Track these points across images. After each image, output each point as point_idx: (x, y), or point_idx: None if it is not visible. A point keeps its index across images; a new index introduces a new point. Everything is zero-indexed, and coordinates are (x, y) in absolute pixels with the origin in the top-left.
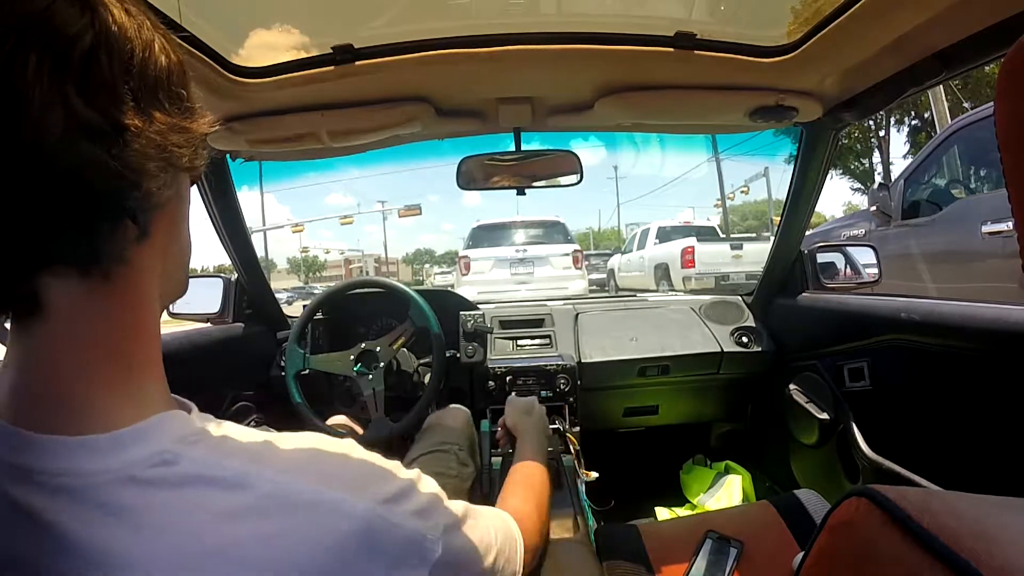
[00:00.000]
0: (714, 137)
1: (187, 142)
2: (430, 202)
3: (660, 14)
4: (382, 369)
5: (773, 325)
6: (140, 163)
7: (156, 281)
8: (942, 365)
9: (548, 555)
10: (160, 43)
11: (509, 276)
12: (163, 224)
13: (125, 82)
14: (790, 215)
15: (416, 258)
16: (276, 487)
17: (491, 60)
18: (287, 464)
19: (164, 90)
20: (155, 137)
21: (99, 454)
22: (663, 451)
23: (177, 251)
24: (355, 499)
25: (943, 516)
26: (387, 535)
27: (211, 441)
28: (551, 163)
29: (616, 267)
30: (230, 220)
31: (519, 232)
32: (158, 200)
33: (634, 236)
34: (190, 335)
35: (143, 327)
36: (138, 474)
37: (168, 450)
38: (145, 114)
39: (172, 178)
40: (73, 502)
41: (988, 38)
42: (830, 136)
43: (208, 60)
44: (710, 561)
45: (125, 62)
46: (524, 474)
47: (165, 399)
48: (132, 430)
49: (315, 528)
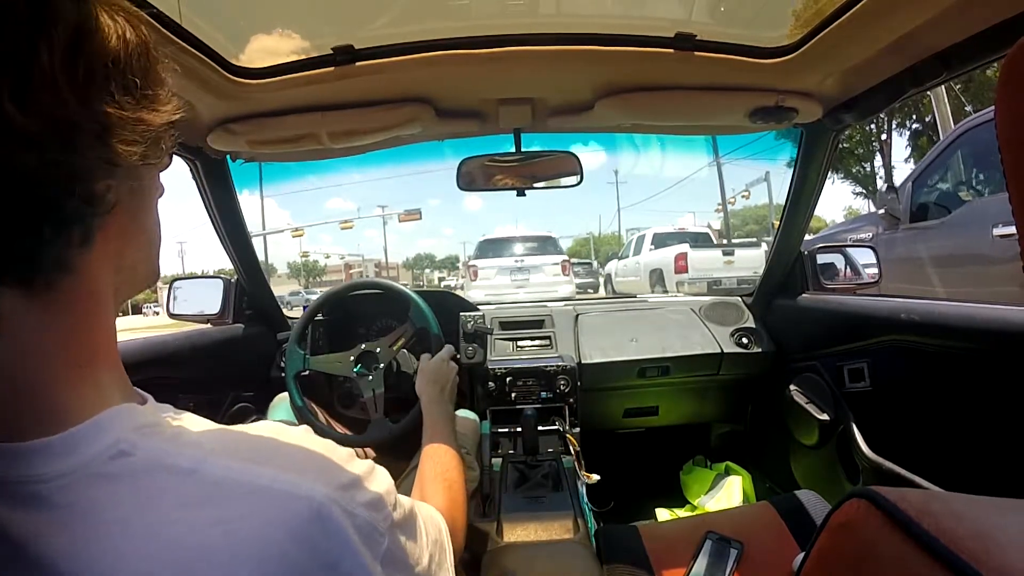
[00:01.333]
0: (715, 140)
1: (141, 137)
2: (431, 206)
3: (660, 15)
4: (382, 371)
5: (773, 326)
6: (81, 167)
7: (109, 279)
8: (942, 366)
9: (548, 556)
10: (108, 20)
11: (509, 281)
12: (115, 224)
13: (67, 74)
14: (790, 216)
15: (416, 263)
16: (231, 472)
17: (491, 61)
18: (242, 451)
19: (115, 79)
20: (100, 136)
21: (56, 455)
22: (663, 452)
23: (138, 246)
24: (311, 484)
25: (943, 517)
26: (343, 521)
27: (166, 431)
28: (551, 164)
29: (613, 272)
30: (230, 221)
31: (518, 245)
32: (105, 203)
33: (631, 242)
34: (190, 336)
35: (95, 326)
36: (98, 469)
37: (124, 439)
38: (89, 110)
39: (126, 175)
40: (37, 509)
41: (988, 38)
42: (830, 137)
43: (208, 61)
44: (710, 562)
45: (67, 49)
46: (440, 466)
47: (123, 391)
48: (85, 427)
49: (272, 511)
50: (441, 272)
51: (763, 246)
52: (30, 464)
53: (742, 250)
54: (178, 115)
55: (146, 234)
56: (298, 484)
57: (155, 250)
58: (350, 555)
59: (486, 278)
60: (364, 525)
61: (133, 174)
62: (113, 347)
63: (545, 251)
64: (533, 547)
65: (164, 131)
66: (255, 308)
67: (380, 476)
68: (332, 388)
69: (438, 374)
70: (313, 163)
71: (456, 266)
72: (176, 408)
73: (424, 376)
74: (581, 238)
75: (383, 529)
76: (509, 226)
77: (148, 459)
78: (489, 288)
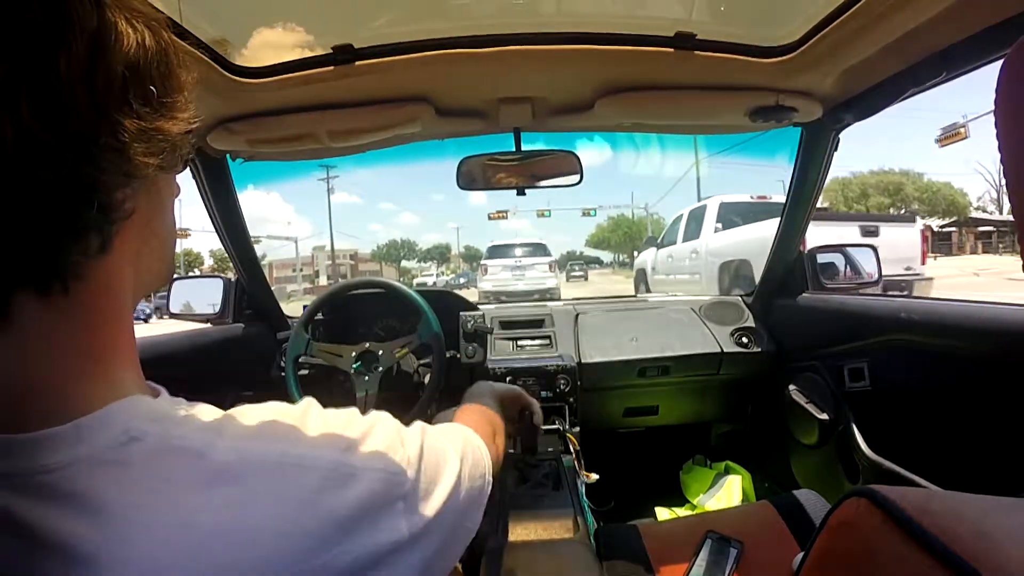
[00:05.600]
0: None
1: (157, 148)
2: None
3: (660, 14)
4: (380, 374)
5: (773, 325)
6: (99, 178)
7: (126, 280)
8: (942, 365)
9: (548, 555)
10: (127, 27)
11: (511, 276)
12: (133, 228)
13: (85, 84)
14: (790, 216)
15: (389, 253)
16: (239, 452)
17: (491, 60)
18: (249, 431)
19: (134, 88)
20: (118, 148)
21: (64, 445)
22: (663, 451)
23: (154, 248)
24: (317, 452)
25: (943, 516)
26: (354, 478)
27: (175, 417)
28: (551, 163)
29: (649, 266)
30: (230, 220)
31: (517, 249)
32: (122, 211)
33: (677, 221)
34: (190, 335)
35: (111, 325)
36: (108, 456)
37: (134, 427)
38: (107, 121)
39: (143, 183)
40: (47, 498)
41: (988, 38)
42: (830, 136)
43: (208, 60)
44: (710, 561)
45: (86, 58)
46: (473, 407)
47: (137, 385)
48: (94, 416)
49: (284, 486)
50: (425, 264)
51: (918, 222)
52: (38, 455)
53: (889, 228)
54: (195, 123)
55: (161, 236)
56: (307, 455)
57: (170, 250)
58: (367, 509)
59: (493, 273)
60: (379, 475)
61: (150, 181)
62: (130, 344)
63: (537, 254)
64: (533, 546)
65: (181, 139)
66: (255, 308)
67: (384, 422)
68: (332, 388)
69: (496, 387)
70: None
71: (447, 257)
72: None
73: (480, 384)
74: (611, 217)
75: (399, 471)
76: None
77: (158, 444)
78: (496, 281)
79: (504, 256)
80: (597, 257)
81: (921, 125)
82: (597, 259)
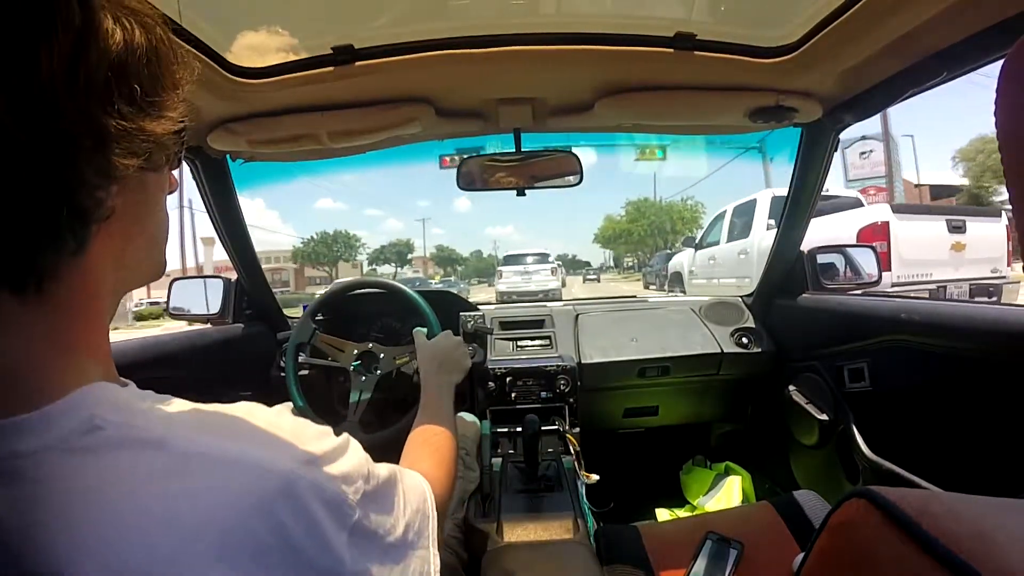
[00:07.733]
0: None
1: (140, 148)
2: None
3: (660, 15)
4: (378, 376)
5: (773, 326)
6: (77, 179)
7: (107, 277)
8: (942, 366)
9: (548, 556)
10: (113, 24)
11: (520, 280)
12: (116, 226)
13: (67, 83)
14: (790, 216)
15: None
16: (199, 446)
17: (491, 61)
18: (213, 426)
19: (117, 87)
20: (98, 148)
21: (33, 432)
22: (663, 452)
23: (140, 245)
24: (277, 458)
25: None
26: (308, 494)
27: (138, 407)
28: (551, 164)
29: (685, 269)
30: (230, 221)
31: (526, 257)
32: (102, 211)
33: (719, 218)
34: (190, 336)
35: (86, 320)
36: (73, 444)
37: (96, 415)
38: (87, 121)
39: (126, 182)
40: (15, 484)
41: (988, 38)
42: (830, 137)
43: (208, 60)
44: (710, 562)
45: (69, 56)
46: (427, 432)
47: (105, 376)
48: (60, 403)
49: (238, 484)
50: (378, 268)
51: (1003, 217)
52: (8, 441)
53: (976, 221)
54: (183, 123)
55: (150, 232)
56: (266, 458)
57: (159, 246)
58: (315, 529)
59: (507, 277)
60: (332, 499)
61: (134, 180)
62: (104, 339)
63: (541, 262)
64: (533, 547)
65: (168, 138)
66: (255, 308)
67: (352, 450)
68: (331, 388)
69: (436, 348)
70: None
71: (408, 258)
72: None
73: (423, 351)
74: (631, 202)
75: (353, 502)
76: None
77: (119, 433)
78: (509, 283)
79: (516, 263)
80: (601, 264)
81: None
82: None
